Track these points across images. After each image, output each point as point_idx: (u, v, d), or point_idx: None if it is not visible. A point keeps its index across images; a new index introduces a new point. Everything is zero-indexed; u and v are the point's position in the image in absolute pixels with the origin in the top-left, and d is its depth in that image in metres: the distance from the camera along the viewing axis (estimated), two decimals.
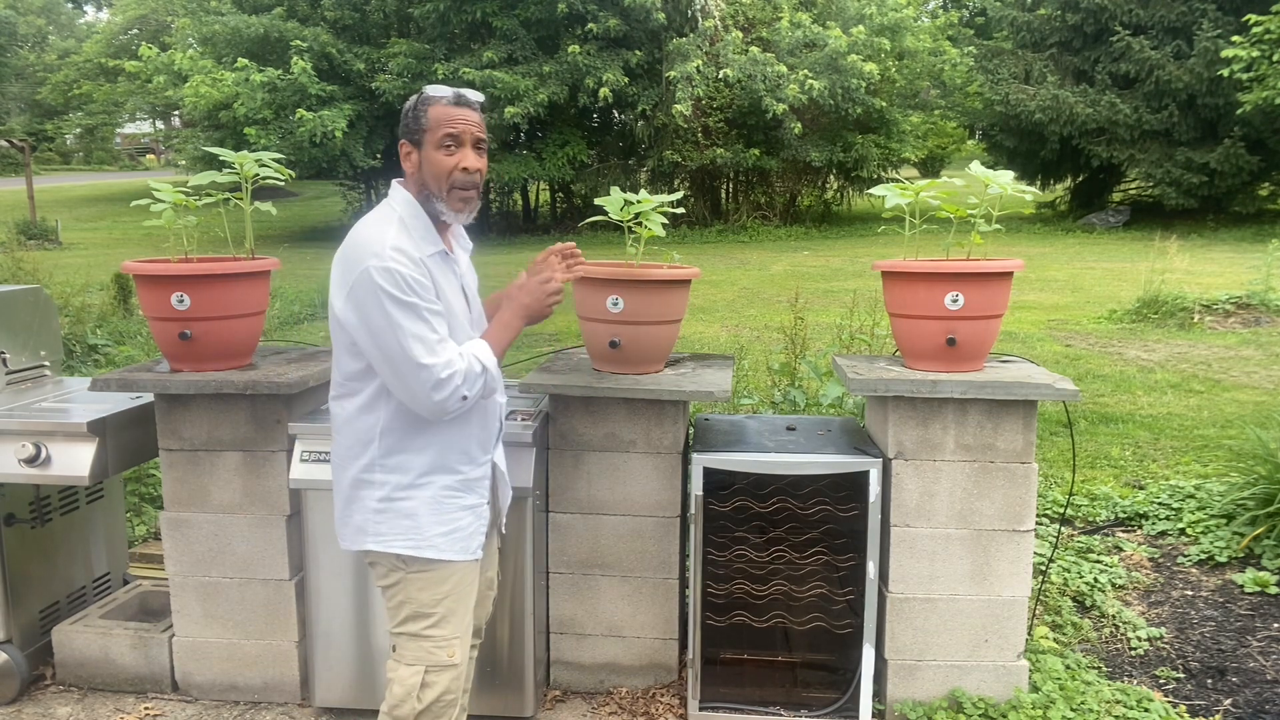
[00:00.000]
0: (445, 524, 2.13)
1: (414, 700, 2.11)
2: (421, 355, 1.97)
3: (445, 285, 2.10)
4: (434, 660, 2.13)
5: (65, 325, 6.83)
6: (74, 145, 43.92)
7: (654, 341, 2.94)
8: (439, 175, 2.06)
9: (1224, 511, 3.99)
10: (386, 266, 1.96)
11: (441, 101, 2.07)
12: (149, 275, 2.77)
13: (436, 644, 2.13)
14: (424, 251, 2.06)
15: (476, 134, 2.07)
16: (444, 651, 2.14)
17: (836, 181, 21.42)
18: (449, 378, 1.99)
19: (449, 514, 2.14)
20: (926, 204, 2.81)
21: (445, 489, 2.14)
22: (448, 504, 2.14)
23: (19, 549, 3.08)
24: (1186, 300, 8.91)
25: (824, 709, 2.86)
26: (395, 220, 2.07)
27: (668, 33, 17.47)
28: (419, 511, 2.11)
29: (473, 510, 2.19)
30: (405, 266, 1.97)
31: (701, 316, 9.34)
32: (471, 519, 2.19)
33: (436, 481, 2.13)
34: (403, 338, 1.96)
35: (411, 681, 2.12)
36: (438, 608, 2.13)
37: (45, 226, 18.49)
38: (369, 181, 20.44)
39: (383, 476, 2.11)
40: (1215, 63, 15.08)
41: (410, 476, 2.11)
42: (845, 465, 2.77)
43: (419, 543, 2.11)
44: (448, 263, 2.14)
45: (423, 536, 2.12)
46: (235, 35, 17.23)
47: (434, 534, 2.12)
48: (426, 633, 2.14)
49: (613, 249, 14.49)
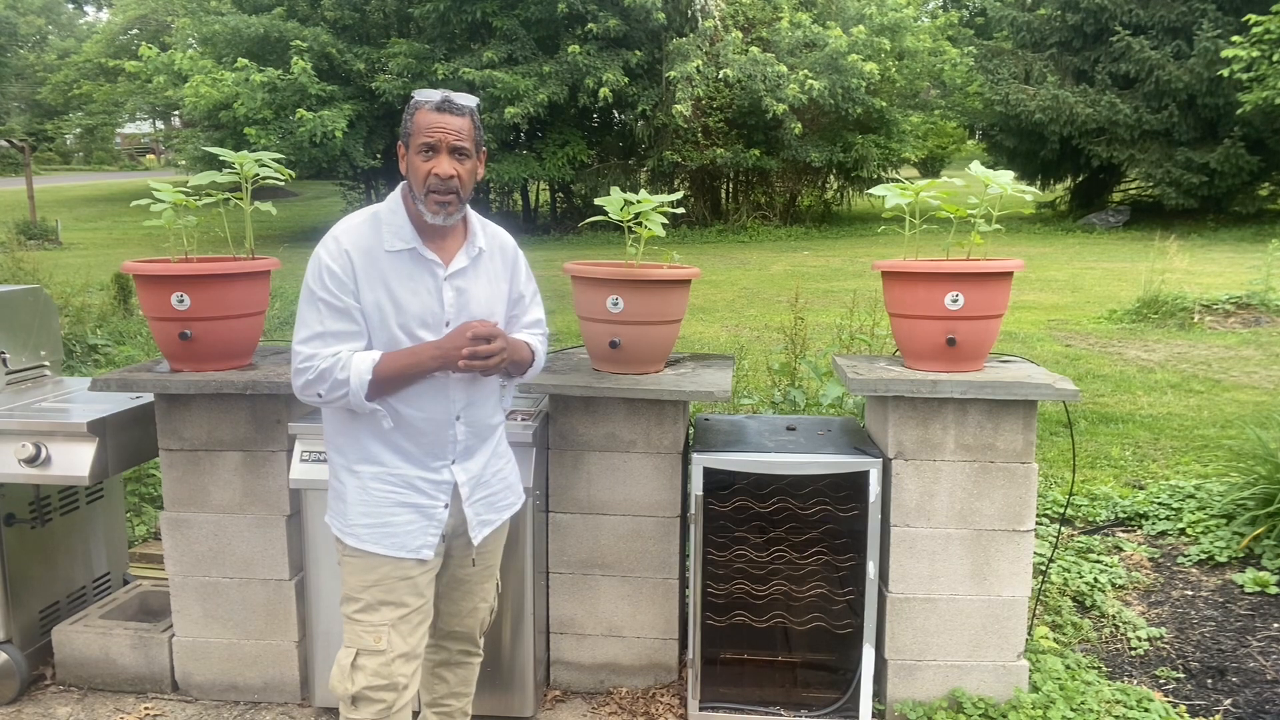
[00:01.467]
0: (372, 516, 2.15)
1: (346, 681, 2.14)
2: (295, 340, 2.09)
3: (398, 282, 2.10)
4: (362, 644, 2.14)
5: (65, 325, 6.83)
6: (74, 145, 43.92)
7: (654, 341, 2.94)
8: (417, 179, 2.09)
9: (1224, 511, 3.99)
10: (317, 251, 2.10)
11: (426, 106, 2.08)
12: (149, 275, 2.77)
13: (365, 629, 2.15)
14: (389, 246, 2.10)
15: (453, 141, 2.07)
16: (370, 637, 2.14)
17: (836, 181, 21.42)
18: (305, 369, 2.07)
19: (377, 506, 2.15)
20: (926, 204, 2.81)
21: (375, 479, 2.16)
22: (376, 496, 2.15)
23: (19, 549, 3.08)
24: (1186, 300, 8.91)
25: (824, 709, 2.86)
26: (369, 213, 2.15)
27: (668, 33, 17.46)
28: (348, 497, 2.18)
29: (417, 509, 2.17)
30: (327, 255, 2.08)
31: (701, 316, 9.34)
32: (414, 517, 2.17)
33: (365, 471, 2.16)
34: (298, 320, 2.10)
35: (344, 663, 2.15)
36: (364, 594, 2.16)
37: (45, 226, 18.49)
38: (369, 181, 20.44)
39: (332, 455, 2.22)
40: (1215, 63, 15.08)
41: (347, 461, 2.19)
42: (845, 465, 2.77)
43: (343, 527, 2.19)
44: (418, 262, 2.13)
45: (347, 521, 2.18)
46: (235, 35, 17.22)
47: (358, 522, 2.16)
48: (355, 616, 2.17)
49: (613, 249, 14.49)
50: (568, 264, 2.94)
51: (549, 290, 2.49)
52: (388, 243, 2.10)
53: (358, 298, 2.08)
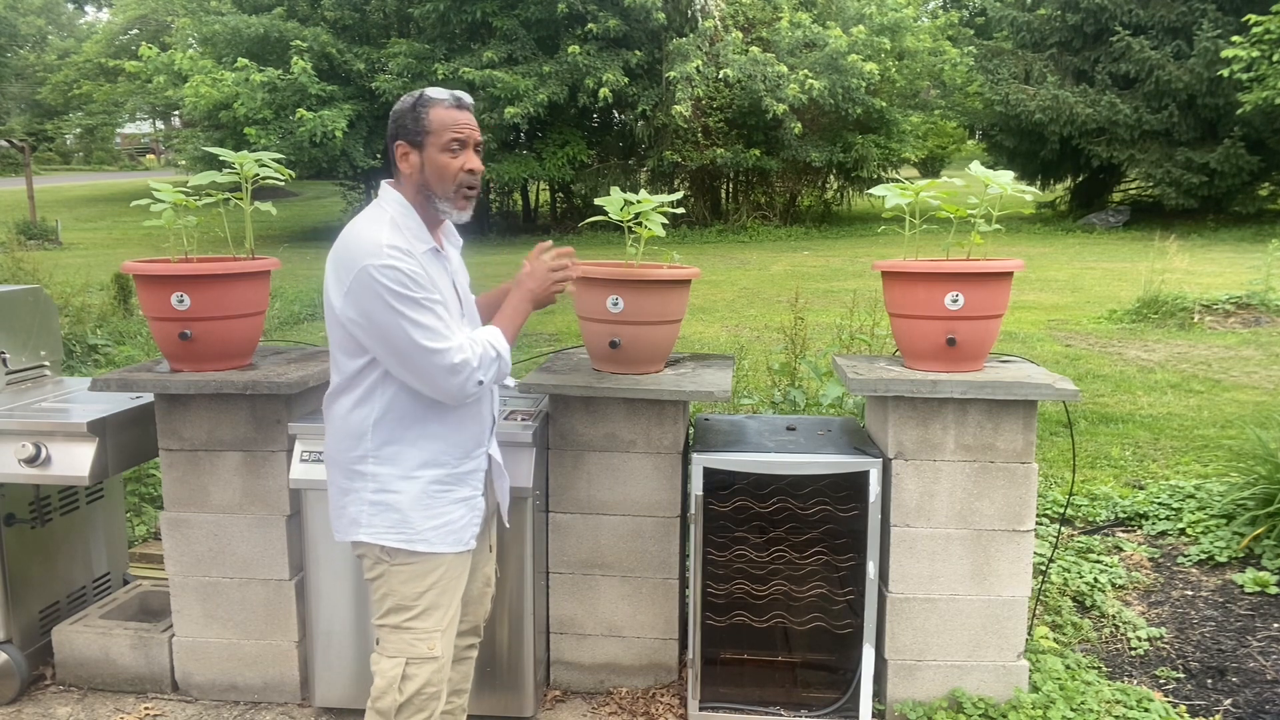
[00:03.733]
0: (436, 517, 2.15)
1: (395, 692, 2.13)
2: (433, 343, 2.01)
3: (439, 280, 2.14)
4: (414, 653, 2.14)
5: (65, 325, 6.83)
6: (74, 145, 43.92)
7: (654, 341, 2.94)
8: (445, 177, 2.10)
9: (1224, 511, 3.99)
10: (386, 264, 1.99)
11: (443, 104, 2.10)
12: (149, 275, 2.77)
13: (417, 636, 2.15)
14: (417, 249, 2.10)
15: (477, 137, 2.15)
16: (424, 644, 2.14)
17: (836, 181, 21.42)
18: (463, 363, 2.04)
19: (440, 507, 2.16)
20: (926, 204, 2.81)
21: (436, 482, 2.15)
22: (439, 497, 2.16)
23: (19, 549, 3.08)
24: (1186, 300, 8.91)
25: (824, 709, 2.86)
26: (387, 220, 2.10)
27: (668, 33, 17.46)
28: (410, 505, 2.14)
29: (466, 503, 2.21)
30: (403, 262, 2.01)
31: (701, 316, 9.34)
32: (464, 511, 2.20)
33: (427, 475, 2.15)
34: (411, 330, 2.00)
35: (393, 674, 2.14)
36: (420, 600, 2.15)
37: (45, 226, 18.49)
38: (369, 181, 20.41)
39: (375, 468, 2.14)
40: (1215, 63, 15.08)
41: (402, 469, 2.14)
42: (845, 465, 2.77)
43: (410, 536, 2.14)
44: (439, 259, 2.18)
45: (414, 530, 2.14)
46: (235, 35, 17.22)
47: (425, 527, 2.14)
48: (408, 625, 2.15)
49: (613, 249, 14.50)
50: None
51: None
52: (415, 245, 2.10)
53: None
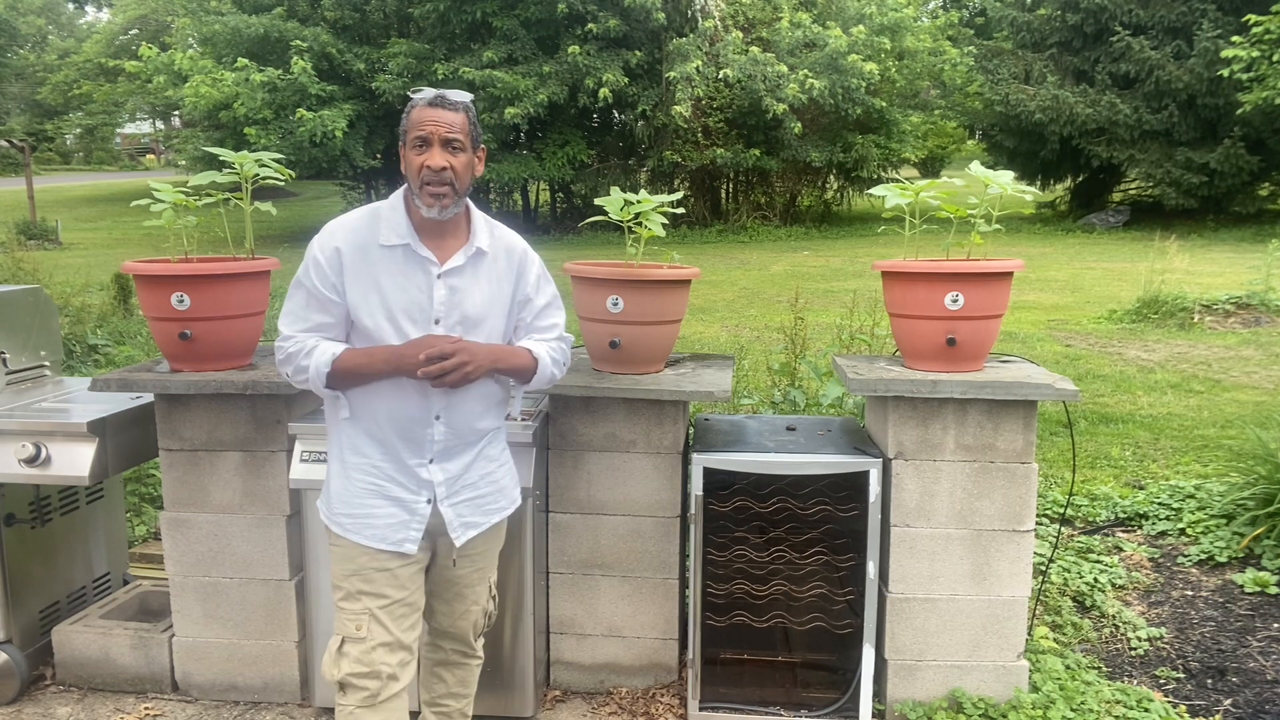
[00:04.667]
0: (352, 506, 2.19)
1: (332, 666, 2.17)
2: (281, 323, 2.18)
3: (388, 276, 2.13)
4: (346, 631, 2.17)
5: (65, 325, 6.83)
6: (74, 145, 43.92)
7: (654, 341, 2.94)
8: (411, 173, 2.13)
9: (1224, 511, 3.99)
10: (312, 241, 2.18)
11: (420, 104, 2.13)
12: (149, 275, 2.77)
13: (347, 616, 2.18)
14: (384, 240, 2.14)
15: (445, 134, 2.09)
16: (353, 625, 2.16)
17: (836, 181, 21.41)
18: (280, 349, 2.17)
19: (357, 497, 2.19)
20: (926, 204, 2.81)
21: (358, 471, 2.19)
22: (356, 486, 2.19)
23: (19, 549, 3.08)
24: (1186, 300, 8.91)
25: (824, 709, 2.86)
26: (371, 208, 2.20)
27: (668, 33, 17.46)
28: (333, 486, 2.24)
29: (397, 503, 2.19)
30: (318, 248, 2.15)
31: (701, 316, 9.34)
32: (394, 510, 2.19)
33: (351, 461, 2.20)
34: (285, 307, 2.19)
35: (332, 649, 2.19)
36: (345, 582, 2.19)
37: (45, 226, 18.49)
38: (369, 181, 20.43)
39: (329, 444, 2.29)
40: (1215, 63, 15.08)
41: (335, 451, 2.25)
42: (845, 465, 2.77)
43: (328, 512, 2.25)
44: (412, 258, 2.14)
45: (331, 508, 2.24)
46: (235, 35, 17.21)
47: (341, 511, 2.21)
48: (340, 604, 2.21)
49: (613, 249, 14.50)
50: (568, 264, 2.94)
51: None
52: (384, 237, 2.14)
53: (340, 292, 2.13)
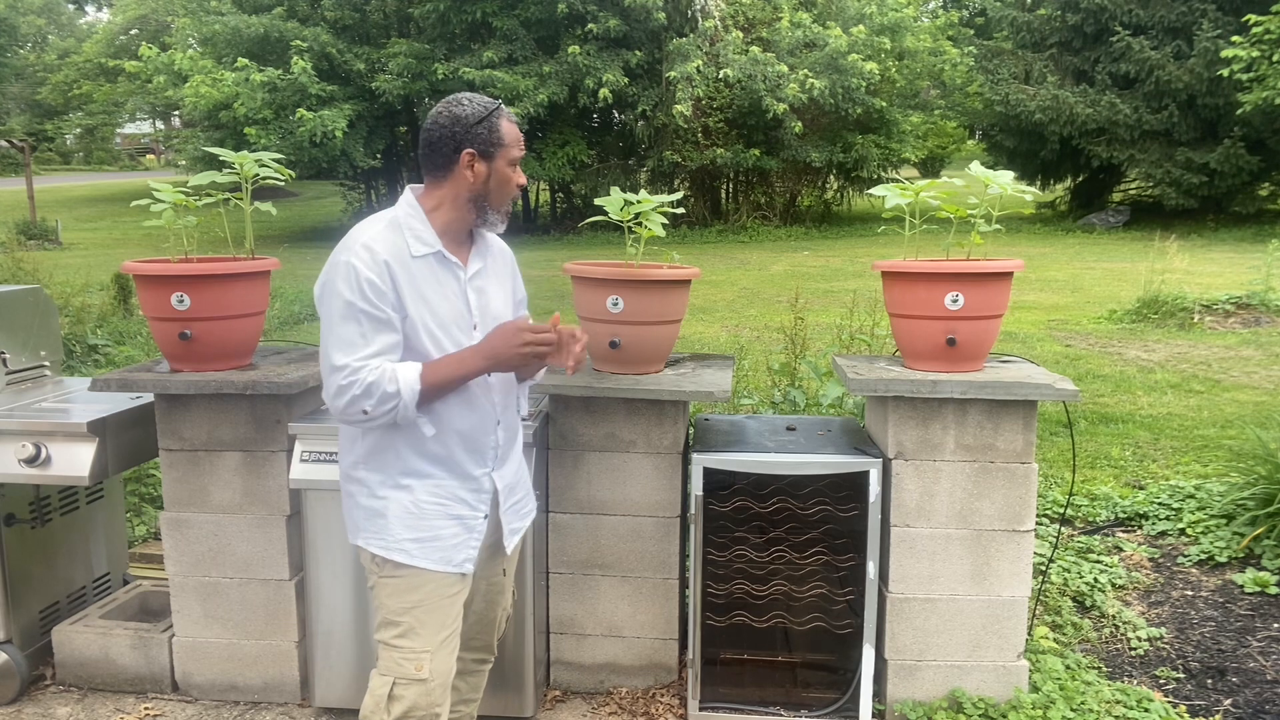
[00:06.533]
0: (419, 530, 2.08)
1: (382, 712, 2.05)
2: (336, 357, 1.97)
3: (429, 288, 2.06)
4: (401, 673, 2.06)
5: (65, 325, 6.83)
6: (74, 145, 43.91)
7: (654, 341, 2.94)
8: (507, 191, 2.11)
9: (1224, 511, 3.99)
10: (348, 262, 1.98)
11: (508, 118, 2.10)
12: (149, 275, 2.77)
13: (404, 655, 2.06)
14: (414, 251, 2.04)
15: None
16: (411, 665, 2.05)
17: (836, 181, 21.41)
18: (349, 385, 1.95)
19: (426, 520, 2.09)
20: (926, 204, 2.81)
21: (425, 494, 2.09)
22: (426, 509, 2.09)
23: (19, 549, 3.08)
24: (1186, 300, 8.91)
25: (824, 709, 2.86)
26: (385, 219, 2.07)
27: (668, 33, 17.46)
28: (391, 513, 2.08)
29: (460, 521, 2.13)
30: (363, 265, 1.98)
31: (701, 316, 9.34)
32: (458, 530, 2.12)
33: (415, 486, 2.09)
34: (330, 334, 1.99)
35: (380, 693, 2.06)
36: (405, 617, 2.08)
37: (45, 226, 18.48)
38: (369, 181, 20.41)
39: (365, 474, 2.12)
40: (1215, 63, 15.07)
41: (390, 477, 2.09)
42: (845, 465, 2.77)
43: (388, 544, 2.08)
44: (446, 265, 2.10)
45: (392, 538, 2.08)
46: (235, 35, 17.22)
47: (404, 538, 2.08)
48: (394, 642, 2.08)
49: (613, 249, 14.49)
50: (568, 264, 2.94)
51: (549, 290, 2.50)
52: (413, 248, 2.05)
53: (399, 308, 2.01)
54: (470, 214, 2.11)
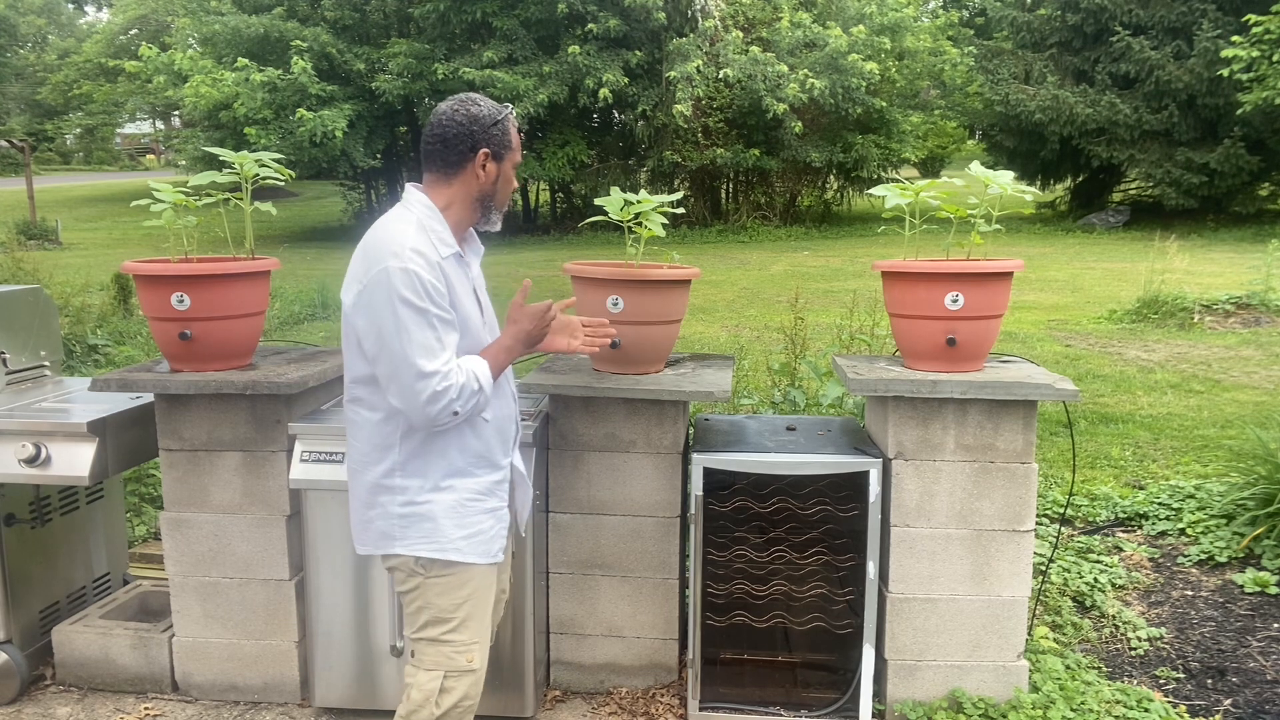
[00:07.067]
0: (466, 527, 2.15)
1: (432, 706, 2.11)
2: (424, 363, 1.97)
3: (459, 288, 2.13)
4: (453, 665, 2.14)
5: (65, 325, 6.83)
6: (74, 145, 43.91)
7: (654, 341, 2.94)
8: (508, 192, 2.19)
9: (1224, 511, 3.99)
10: (405, 268, 1.97)
11: (514, 121, 2.16)
12: (149, 275, 2.77)
13: (456, 649, 2.15)
14: (441, 254, 2.08)
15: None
16: (463, 657, 2.15)
17: (836, 181, 21.41)
18: (445, 390, 1.99)
19: (470, 517, 2.15)
20: (926, 204, 2.81)
21: (467, 493, 2.16)
22: (470, 507, 2.16)
23: (19, 549, 3.08)
24: (1186, 300, 8.91)
25: (824, 709, 2.86)
26: (414, 222, 2.08)
27: (668, 33, 17.46)
28: (441, 515, 2.13)
29: (494, 514, 2.21)
30: (423, 270, 1.99)
31: (701, 316, 9.34)
32: (493, 522, 2.21)
33: (458, 485, 2.14)
34: (408, 343, 1.97)
35: (430, 687, 2.12)
36: (457, 612, 2.15)
37: (45, 226, 18.48)
38: (369, 181, 20.42)
39: (404, 481, 2.13)
40: (1215, 63, 15.08)
41: (432, 480, 2.13)
42: (845, 465, 2.77)
43: (442, 545, 2.13)
44: (461, 265, 2.17)
45: (446, 539, 2.13)
46: (235, 35, 17.23)
47: (456, 537, 2.14)
48: (446, 637, 2.15)
49: (613, 249, 14.47)
50: (568, 264, 2.94)
51: (550, 290, 2.51)
52: (441, 250, 2.09)
53: (455, 307, 2.08)
54: (476, 213, 2.17)
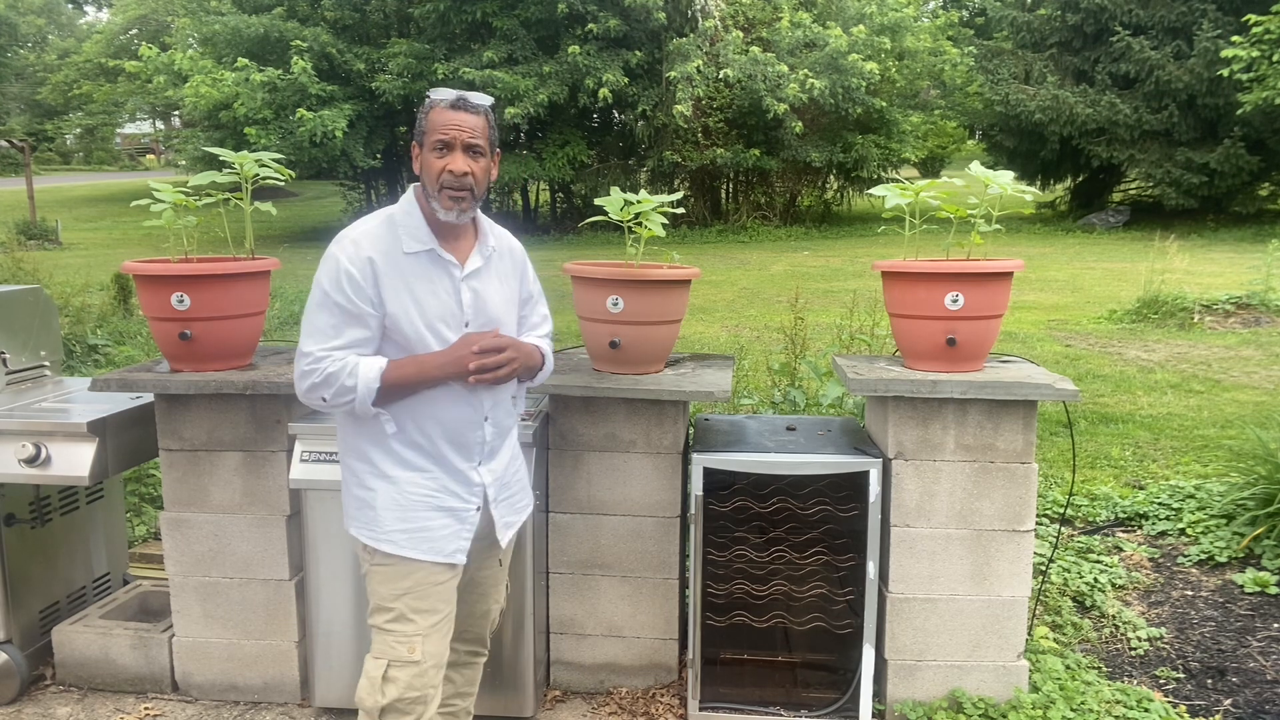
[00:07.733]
0: (408, 521, 2.13)
1: (377, 694, 2.11)
2: (305, 343, 2.07)
3: (419, 284, 2.11)
4: (394, 655, 2.11)
5: (65, 325, 6.83)
6: (74, 145, 43.91)
7: (654, 341, 2.94)
8: (430, 177, 2.10)
9: (1224, 511, 3.99)
10: (332, 254, 2.08)
11: (441, 105, 2.10)
12: (149, 275, 2.77)
13: (397, 639, 2.12)
14: (407, 248, 2.10)
15: (467, 139, 2.09)
16: (404, 647, 2.11)
17: (836, 181, 21.42)
18: (310, 372, 2.05)
19: (413, 511, 2.14)
20: (926, 204, 2.81)
21: (410, 486, 2.14)
22: (414, 501, 2.14)
23: (19, 549, 3.08)
24: (1186, 300, 8.91)
25: (824, 709, 2.86)
26: (382, 216, 2.15)
27: (668, 33, 17.46)
28: (380, 505, 2.14)
29: (451, 513, 2.17)
30: (346, 260, 2.06)
31: (701, 316, 9.34)
32: (449, 521, 2.16)
33: (399, 477, 2.14)
34: (306, 321, 2.08)
35: (374, 675, 2.12)
36: (396, 603, 2.13)
37: (45, 226, 18.48)
38: (369, 181, 20.42)
39: (354, 463, 2.18)
40: (1215, 63, 15.08)
41: (373, 468, 2.16)
42: (845, 465, 2.77)
43: (377, 535, 2.14)
44: (437, 263, 2.14)
45: (381, 529, 2.14)
46: (235, 35, 17.22)
47: (393, 529, 2.13)
48: (387, 626, 2.14)
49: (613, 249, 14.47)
50: (568, 264, 2.94)
51: (549, 290, 2.49)
52: (405, 245, 2.11)
53: (377, 304, 2.07)
54: (425, 202, 2.16)
